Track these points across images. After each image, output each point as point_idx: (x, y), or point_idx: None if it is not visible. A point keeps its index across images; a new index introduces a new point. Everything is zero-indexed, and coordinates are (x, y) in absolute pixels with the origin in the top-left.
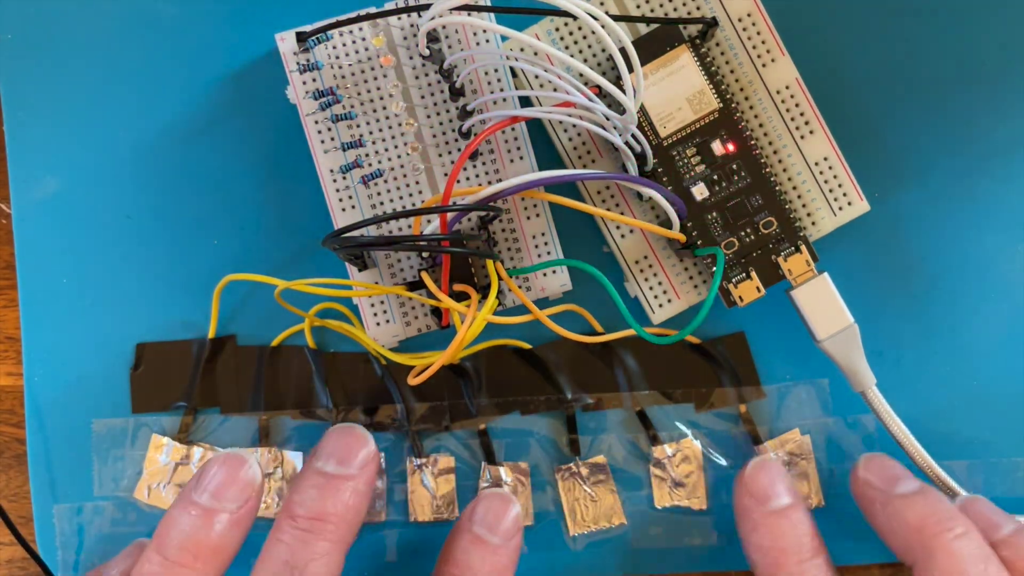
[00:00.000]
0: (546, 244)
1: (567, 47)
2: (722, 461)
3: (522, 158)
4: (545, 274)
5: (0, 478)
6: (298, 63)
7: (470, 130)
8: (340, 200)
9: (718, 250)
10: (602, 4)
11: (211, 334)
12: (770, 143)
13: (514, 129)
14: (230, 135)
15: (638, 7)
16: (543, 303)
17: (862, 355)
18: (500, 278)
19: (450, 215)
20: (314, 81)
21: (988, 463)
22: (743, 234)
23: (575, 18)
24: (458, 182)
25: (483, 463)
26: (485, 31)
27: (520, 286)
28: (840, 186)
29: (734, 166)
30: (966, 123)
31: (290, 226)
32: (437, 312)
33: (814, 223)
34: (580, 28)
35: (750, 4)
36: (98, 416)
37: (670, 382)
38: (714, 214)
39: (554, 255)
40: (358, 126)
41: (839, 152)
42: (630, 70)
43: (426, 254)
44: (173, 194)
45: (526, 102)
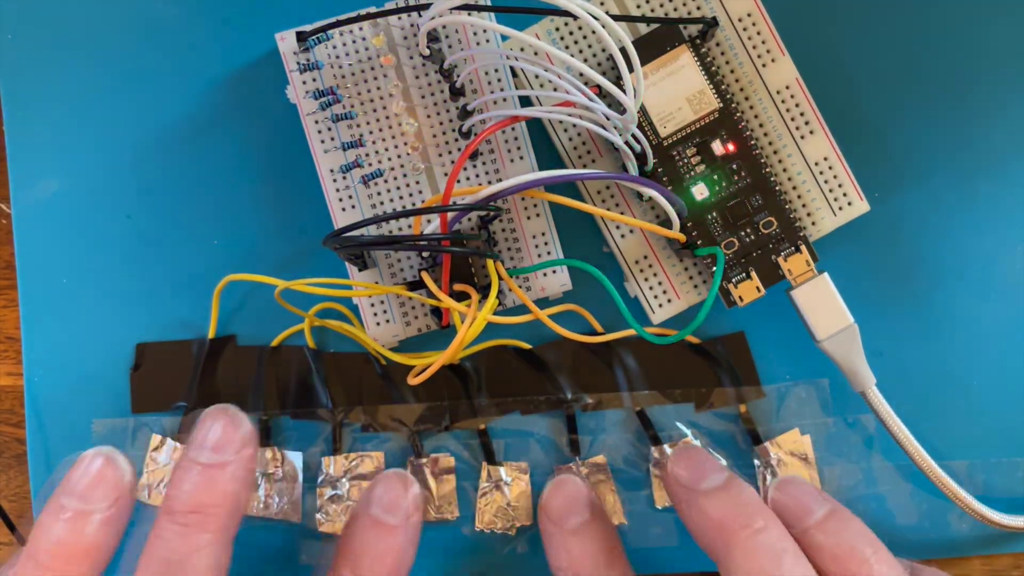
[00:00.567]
0: (546, 244)
1: (567, 47)
2: (722, 461)
3: (522, 158)
4: (545, 274)
5: (0, 478)
6: (298, 63)
7: (470, 130)
8: (340, 200)
9: (718, 250)
10: (602, 4)
11: (211, 334)
12: (770, 143)
13: (514, 129)
14: (230, 135)
15: (638, 7)
16: (543, 303)
17: (862, 355)
18: (500, 278)
19: (450, 215)
20: (314, 81)
21: (988, 463)
22: (743, 234)
23: (575, 18)
24: (458, 182)
25: (483, 463)
26: (485, 31)
27: (520, 286)
28: (840, 186)
29: (734, 166)
30: (966, 123)
31: (290, 226)
32: (437, 312)
33: (814, 223)
34: (580, 28)
35: (750, 4)
36: (98, 416)
37: (670, 382)
38: (714, 214)
39: (554, 255)
40: (358, 126)
41: (839, 152)
42: (630, 70)
43: (426, 254)
44: (173, 194)
45: (526, 102)
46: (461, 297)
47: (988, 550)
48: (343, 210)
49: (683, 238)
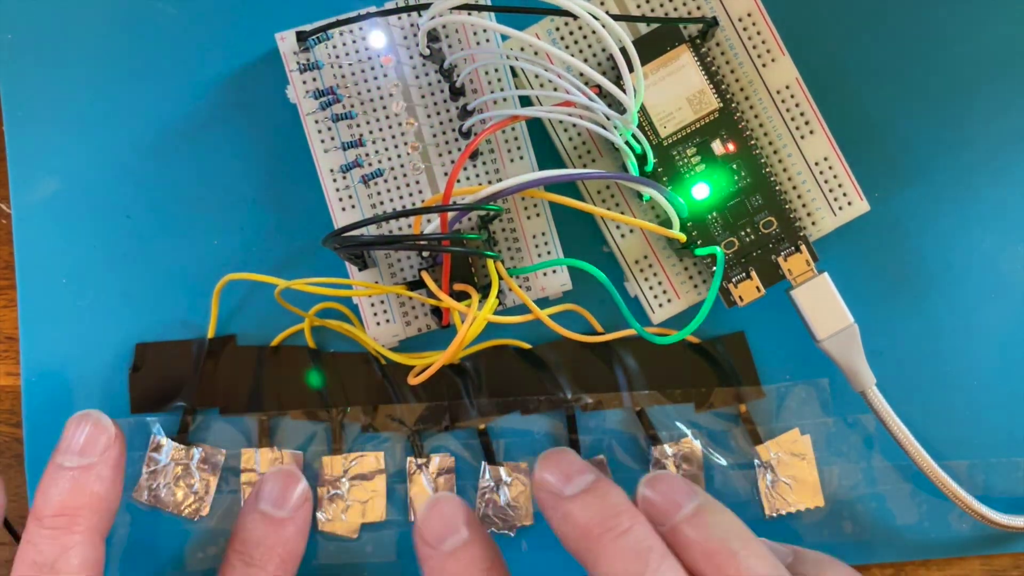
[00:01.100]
0: (546, 244)
1: (567, 46)
2: (722, 461)
3: (522, 158)
4: (545, 274)
5: None
6: (298, 63)
7: (470, 129)
8: (340, 200)
9: (718, 250)
10: (602, 4)
11: (211, 334)
12: (770, 143)
13: (514, 129)
14: (230, 135)
15: (638, 7)
16: (543, 303)
17: (862, 355)
18: (500, 277)
19: (450, 214)
20: (314, 80)
21: (988, 463)
22: (743, 234)
23: (575, 17)
24: (458, 181)
25: (483, 463)
26: (485, 30)
27: (520, 286)
28: (840, 186)
29: (734, 166)
30: (966, 123)
31: (290, 226)
32: (437, 312)
33: (814, 223)
34: (580, 27)
35: (750, 4)
36: None
37: (670, 382)
38: (714, 214)
39: (554, 255)
40: (358, 125)
41: (839, 152)
42: (630, 70)
43: (426, 253)
44: (173, 194)
45: (526, 101)
46: (461, 297)
47: (988, 550)
48: (343, 210)
49: (683, 238)
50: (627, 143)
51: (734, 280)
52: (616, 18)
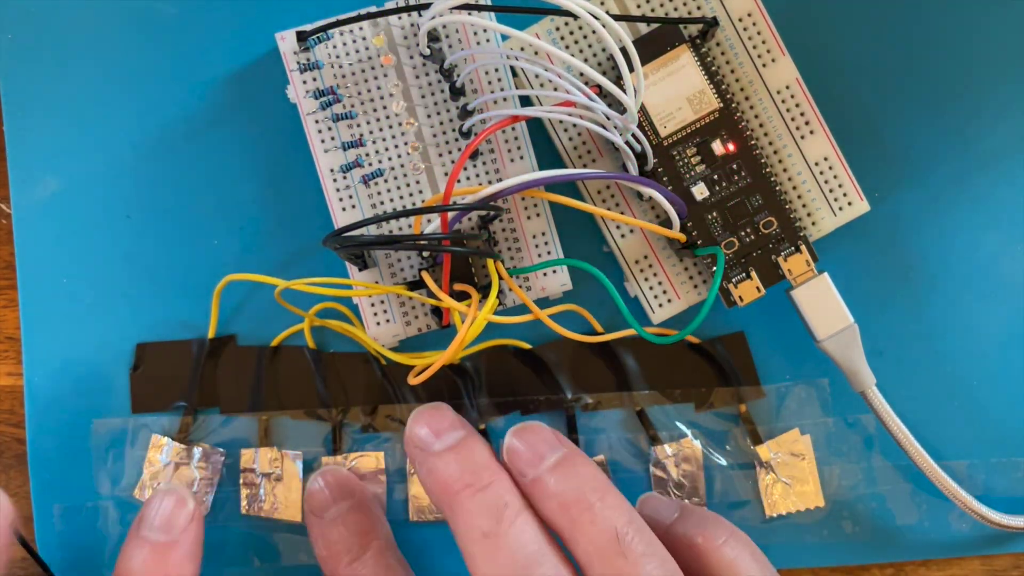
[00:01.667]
0: (546, 244)
1: (568, 46)
2: (722, 461)
3: (522, 158)
4: (545, 274)
5: (0, 478)
6: (298, 62)
7: (470, 129)
8: (340, 200)
9: (718, 250)
10: (603, 3)
11: (211, 334)
12: (770, 143)
13: (514, 129)
14: (230, 135)
15: (638, 7)
16: (543, 303)
17: (862, 355)
18: (500, 278)
19: (451, 215)
20: (314, 80)
21: (988, 463)
22: (743, 234)
23: (576, 17)
24: (458, 181)
25: None
26: (485, 30)
27: (520, 286)
28: (840, 186)
29: (734, 166)
30: (966, 123)
31: (290, 226)
32: (437, 312)
33: (814, 223)
34: (581, 27)
35: (750, 4)
36: (98, 416)
37: (670, 382)
38: (714, 214)
39: (554, 255)
40: (358, 125)
41: (839, 152)
42: (631, 70)
43: (426, 253)
44: (173, 194)
45: (526, 101)
46: (461, 297)
47: (988, 550)
48: (343, 210)
49: (683, 238)
50: (627, 143)
51: (734, 280)
52: (616, 18)
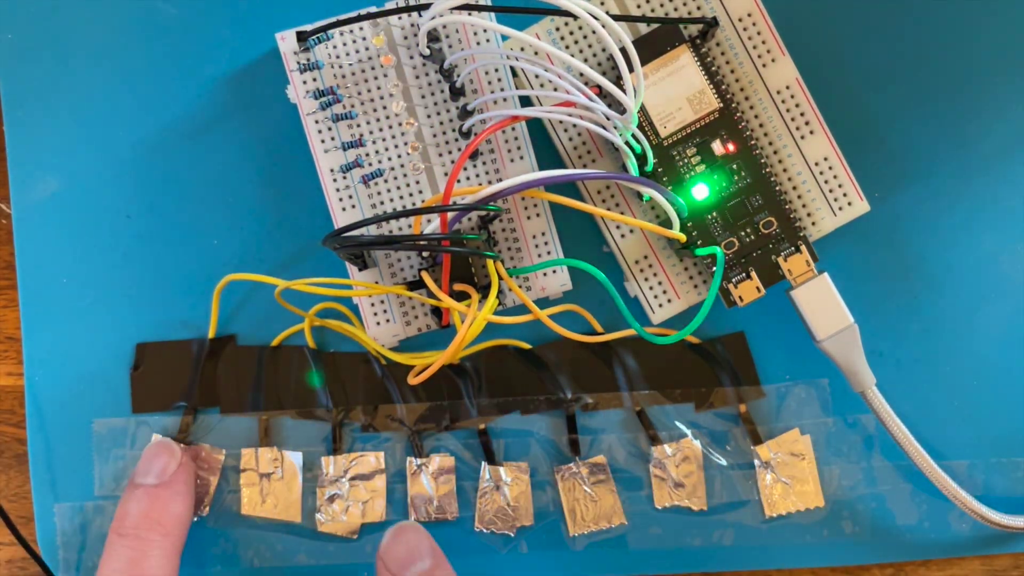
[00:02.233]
0: (546, 244)
1: (567, 47)
2: (722, 461)
3: (522, 158)
4: (545, 274)
5: (0, 478)
6: (298, 62)
7: (470, 130)
8: (340, 200)
9: (718, 250)
10: (603, 4)
11: (211, 334)
12: (770, 143)
13: (514, 129)
14: (230, 135)
15: (638, 7)
16: (543, 303)
17: (862, 355)
18: (500, 278)
19: (450, 215)
20: (314, 80)
21: (988, 463)
22: (743, 234)
23: (576, 18)
24: (458, 182)
25: (483, 463)
26: (485, 30)
27: (520, 286)
28: (840, 186)
29: (734, 166)
30: (966, 123)
31: (290, 226)
32: (437, 312)
33: (814, 223)
34: (581, 28)
35: (750, 4)
36: (98, 416)
37: (670, 382)
38: (714, 214)
39: (554, 255)
40: (358, 125)
41: (839, 152)
42: (630, 70)
43: (426, 254)
44: (173, 194)
45: (526, 102)
46: (461, 297)
47: (988, 550)
48: (343, 210)
49: (683, 238)
50: (627, 143)
51: (734, 280)
52: (616, 18)
